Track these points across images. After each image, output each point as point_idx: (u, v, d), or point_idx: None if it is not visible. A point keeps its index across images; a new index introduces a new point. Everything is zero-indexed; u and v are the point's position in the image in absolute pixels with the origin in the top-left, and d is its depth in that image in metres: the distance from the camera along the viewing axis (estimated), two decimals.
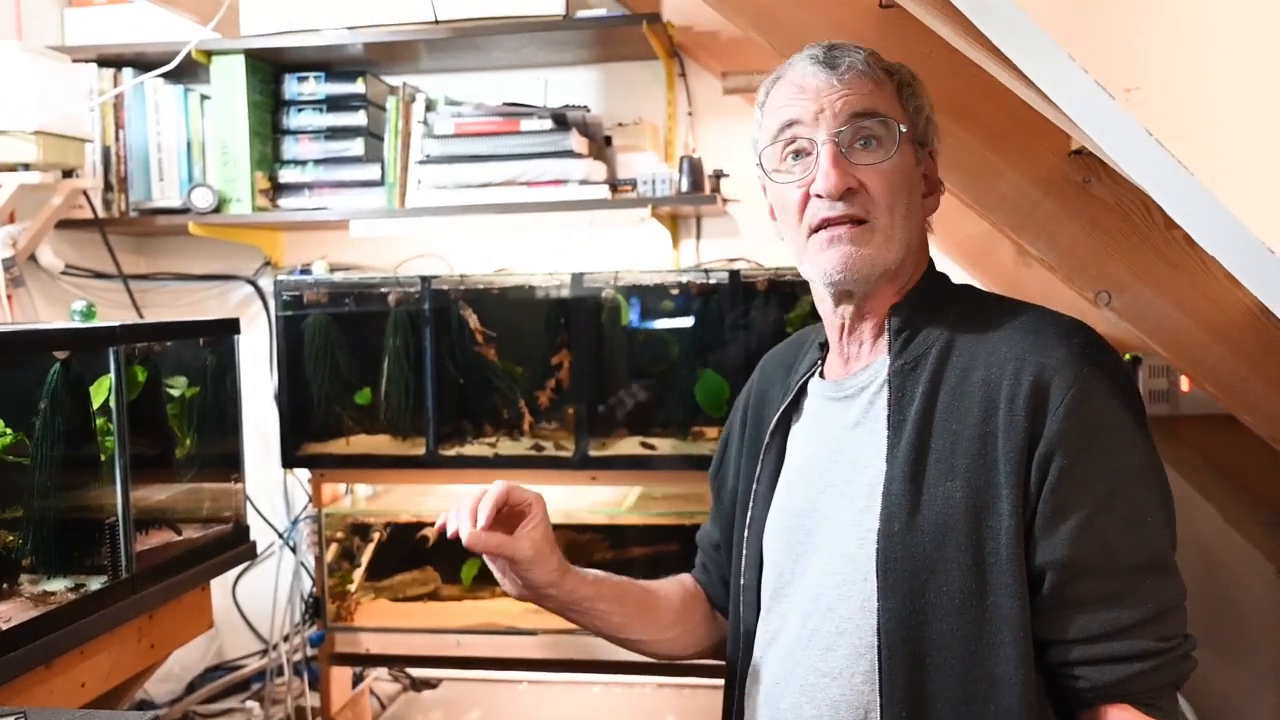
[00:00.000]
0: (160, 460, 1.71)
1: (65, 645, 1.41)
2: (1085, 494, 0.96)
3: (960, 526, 0.98)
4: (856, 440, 1.08)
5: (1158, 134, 0.73)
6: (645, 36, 2.35)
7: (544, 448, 2.17)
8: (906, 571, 0.99)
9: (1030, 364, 0.99)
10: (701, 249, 2.64)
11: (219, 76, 2.46)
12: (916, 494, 1.00)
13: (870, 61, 1.08)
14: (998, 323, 1.05)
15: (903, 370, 1.06)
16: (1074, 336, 1.02)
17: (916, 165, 1.10)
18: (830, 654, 1.05)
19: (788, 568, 1.12)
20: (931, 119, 1.12)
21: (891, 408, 1.04)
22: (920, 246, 1.13)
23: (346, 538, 2.34)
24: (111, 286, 2.65)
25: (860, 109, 1.05)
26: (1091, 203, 1.58)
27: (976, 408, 1.00)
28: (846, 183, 1.04)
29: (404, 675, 2.63)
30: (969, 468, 0.99)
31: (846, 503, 1.06)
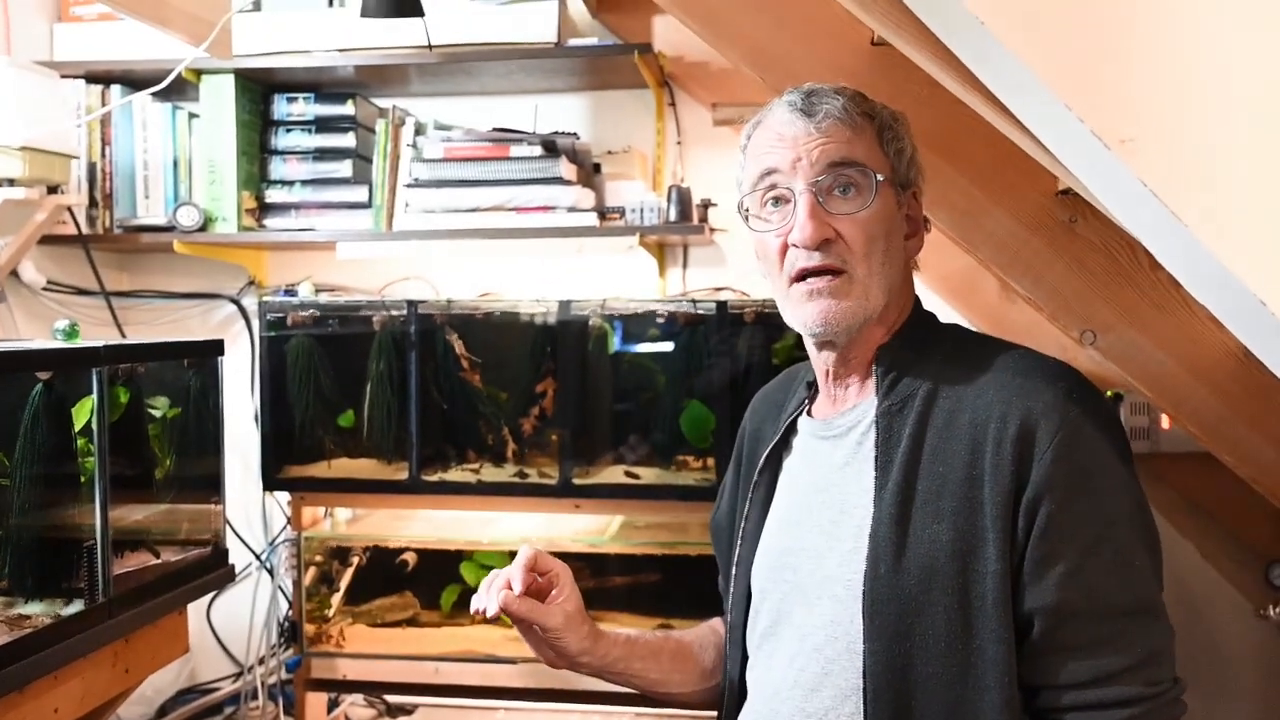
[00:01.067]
0: (140, 482, 1.69)
1: (40, 670, 1.39)
2: (1073, 540, 0.96)
3: (946, 569, 0.98)
4: (844, 480, 1.08)
5: (1152, 185, 0.74)
6: (636, 66, 2.36)
7: (528, 475, 2.17)
8: (892, 614, 0.99)
9: (1017, 407, 0.99)
10: (688, 278, 2.65)
11: (208, 95, 2.46)
12: (903, 536, 1.00)
13: (848, 108, 1.07)
14: (985, 364, 1.05)
15: (890, 411, 1.06)
16: (1061, 380, 1.01)
17: (898, 208, 1.10)
18: (816, 694, 1.04)
19: (775, 607, 1.12)
20: (915, 159, 1.12)
21: (879, 448, 1.04)
22: (905, 287, 1.13)
23: (325, 561, 2.32)
24: (93, 303, 2.63)
25: (837, 158, 1.05)
26: (1077, 242, 1.60)
27: (963, 450, 1.00)
28: (823, 233, 1.04)
29: (379, 701, 2.60)
30: (955, 510, 0.99)
31: (834, 543, 1.06)
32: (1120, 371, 1.59)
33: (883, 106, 1.11)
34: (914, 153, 1.12)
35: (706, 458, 2.13)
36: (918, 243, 1.13)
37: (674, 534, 2.23)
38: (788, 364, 2.07)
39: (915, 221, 1.13)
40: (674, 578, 2.22)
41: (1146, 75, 0.74)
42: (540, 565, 1.13)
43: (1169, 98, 0.74)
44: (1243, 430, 1.61)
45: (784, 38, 1.66)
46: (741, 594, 1.17)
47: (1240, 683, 2.27)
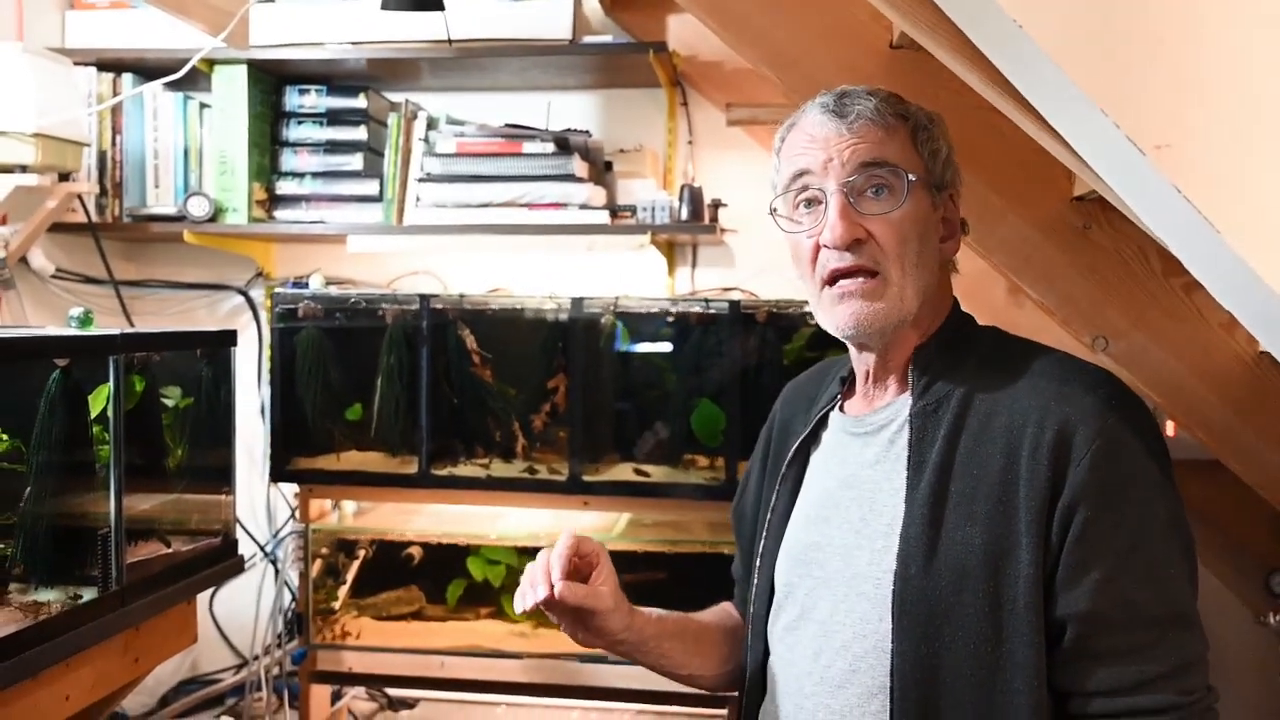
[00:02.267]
0: (153, 471, 1.69)
1: (54, 657, 1.39)
2: (1108, 547, 0.96)
3: (978, 573, 0.98)
4: (875, 478, 1.08)
5: (1185, 190, 0.75)
6: (650, 64, 2.37)
7: (537, 471, 2.17)
8: (922, 615, 0.99)
9: (1055, 413, 0.99)
10: (697, 277, 2.65)
11: (221, 86, 2.46)
12: (935, 537, 1.00)
13: (881, 109, 1.07)
14: (1023, 368, 1.05)
15: (925, 411, 1.06)
16: (1100, 387, 1.01)
17: (933, 210, 1.09)
18: (842, 691, 1.05)
19: (800, 601, 1.12)
20: (951, 161, 1.11)
21: (912, 448, 1.05)
22: (942, 289, 1.13)
23: (332, 554, 2.32)
24: (101, 292, 2.63)
25: (869, 158, 1.05)
26: (1091, 248, 1.61)
27: (999, 454, 1.00)
28: (854, 233, 1.04)
29: (381, 694, 2.61)
30: (989, 514, 0.99)
31: (864, 541, 1.06)
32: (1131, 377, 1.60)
33: (918, 108, 1.10)
34: (950, 154, 1.10)
35: (716, 457, 2.13)
36: (954, 245, 1.12)
37: (681, 532, 2.24)
38: (798, 364, 2.09)
39: (951, 224, 1.12)
40: (681, 576, 2.22)
41: (1182, 82, 0.75)
42: (581, 549, 1.11)
43: (1204, 104, 0.74)
44: (1251, 438, 1.62)
45: (803, 39, 1.66)
46: (765, 586, 1.17)
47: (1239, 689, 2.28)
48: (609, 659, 2.15)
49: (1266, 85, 0.74)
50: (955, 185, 1.12)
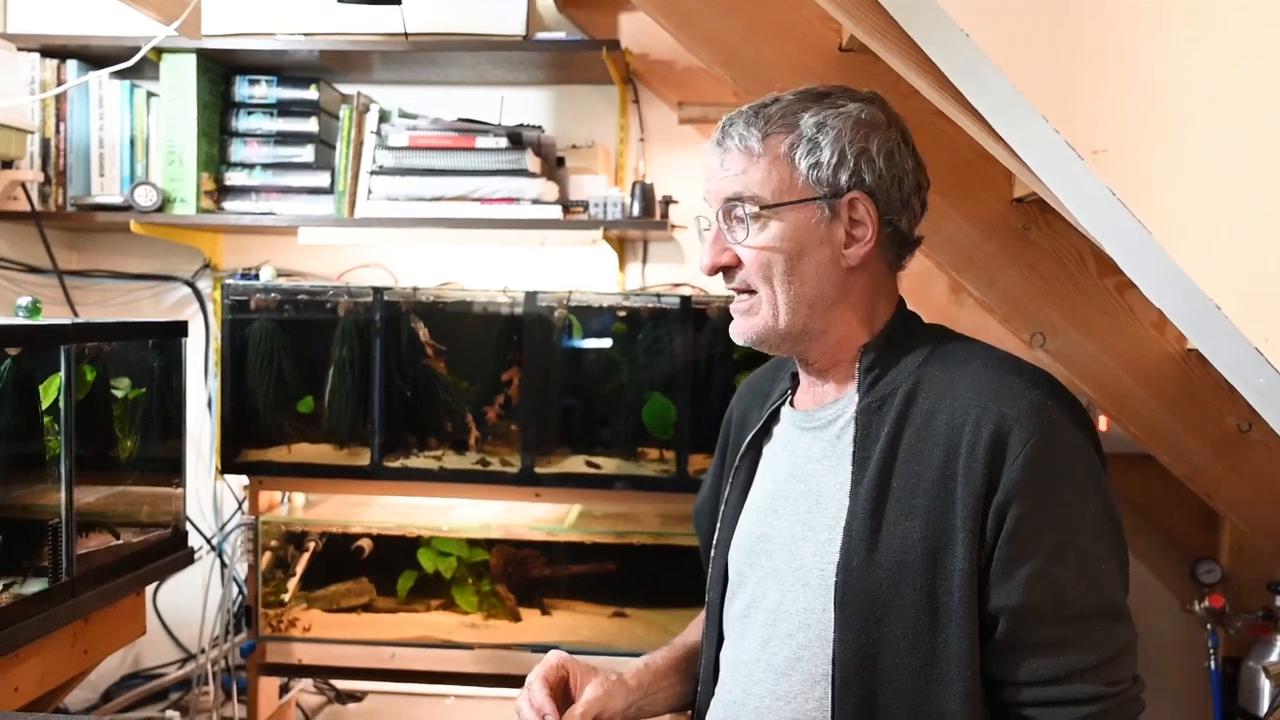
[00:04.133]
0: (103, 462, 1.67)
1: (2, 648, 1.38)
2: (1040, 543, 1.00)
3: (916, 566, 1.02)
4: (822, 472, 1.12)
5: (1120, 194, 0.80)
6: (603, 61, 2.39)
7: (489, 463, 2.18)
8: (863, 606, 1.03)
9: (992, 412, 1.02)
10: (647, 273, 2.69)
11: (169, 75, 2.43)
12: (876, 531, 1.04)
13: (749, 134, 1.08)
14: (964, 367, 1.08)
15: (870, 408, 1.09)
16: (1038, 387, 1.04)
17: (817, 223, 1.08)
18: (786, 678, 1.09)
19: (750, 590, 1.16)
20: (853, 162, 1.07)
21: (857, 444, 1.07)
22: (876, 291, 1.14)
23: (281, 546, 2.31)
24: (45, 281, 2.58)
25: (729, 193, 1.10)
26: (1030, 248, 1.68)
27: (939, 451, 1.03)
28: (716, 261, 1.12)
29: (329, 688, 2.60)
30: (927, 509, 1.02)
31: (809, 533, 1.10)
32: (1066, 373, 1.67)
33: (817, 112, 1.08)
34: (858, 155, 1.07)
35: (666, 449, 2.17)
36: (865, 248, 1.09)
37: (632, 523, 2.27)
38: (747, 359, 2.14)
39: (861, 224, 1.09)
40: (629, 566, 2.26)
41: (1120, 91, 0.80)
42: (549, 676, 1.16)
43: (1139, 113, 0.79)
44: (1179, 431, 1.70)
45: (755, 41, 1.70)
46: (719, 576, 1.21)
47: (1167, 674, 2.37)
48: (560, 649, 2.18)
49: (1198, 96, 0.79)
50: (868, 183, 1.08)
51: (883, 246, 1.12)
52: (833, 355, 1.14)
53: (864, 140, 1.08)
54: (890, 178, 1.10)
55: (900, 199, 1.11)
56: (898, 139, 1.11)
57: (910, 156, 1.13)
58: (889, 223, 1.11)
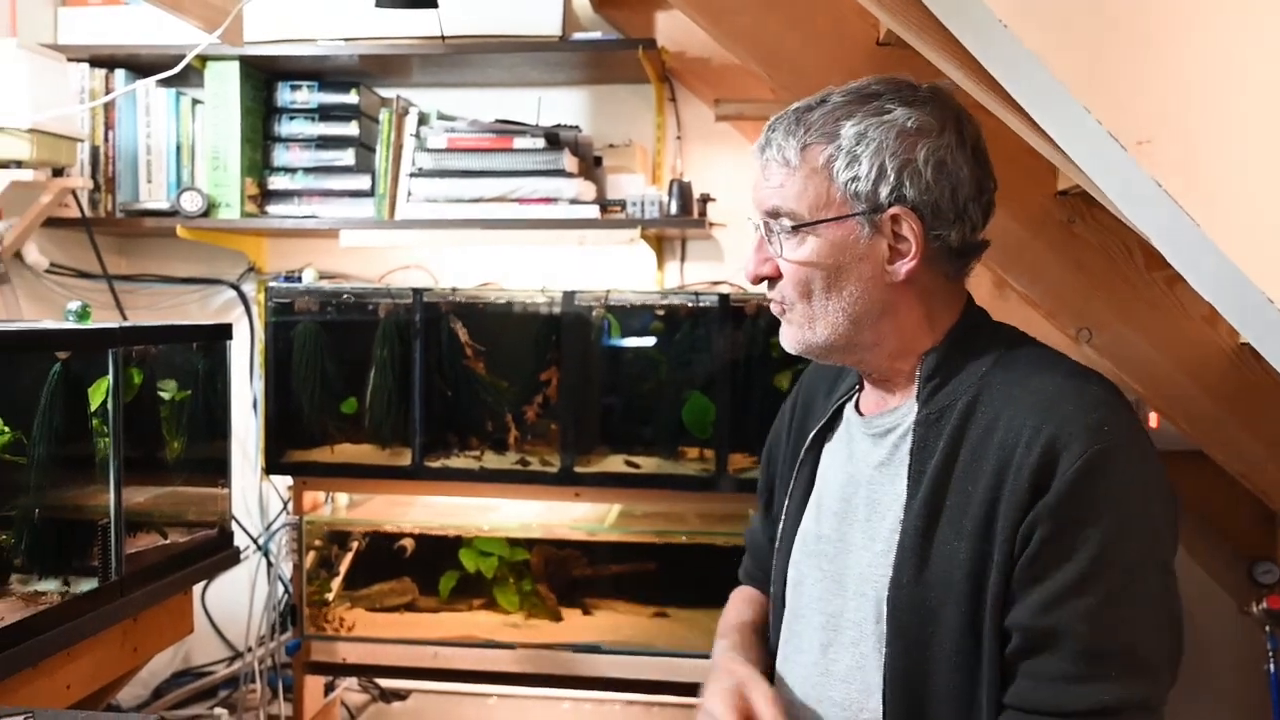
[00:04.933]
0: (150, 463, 1.70)
1: (54, 646, 1.41)
2: (1061, 568, 0.94)
3: (961, 588, 0.98)
4: (881, 481, 1.09)
5: (1167, 186, 0.77)
6: (639, 60, 2.39)
7: (529, 463, 2.19)
8: (911, 624, 1.00)
9: (1046, 433, 0.96)
10: (686, 271, 2.68)
11: (213, 82, 2.47)
12: (927, 549, 1.00)
13: (786, 145, 1.05)
14: (1027, 381, 1.02)
15: (928, 420, 1.05)
16: (1098, 409, 0.97)
17: (859, 237, 1.04)
18: (845, 685, 1.07)
19: (808, 590, 1.14)
20: (894, 176, 1.02)
21: (913, 457, 1.04)
22: (933, 299, 1.08)
23: (325, 546, 2.34)
24: (95, 286, 2.63)
25: (768, 205, 1.07)
26: (1076, 242, 1.65)
27: (990, 471, 0.98)
28: (758, 271, 1.10)
29: (373, 686, 2.63)
30: (974, 530, 0.98)
31: (868, 542, 1.08)
32: (1114, 369, 1.63)
33: (860, 120, 1.03)
34: (900, 167, 1.02)
35: (706, 449, 2.16)
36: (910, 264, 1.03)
37: (672, 523, 2.26)
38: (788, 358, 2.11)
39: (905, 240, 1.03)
40: (670, 566, 2.25)
41: (1165, 79, 0.77)
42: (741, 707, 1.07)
43: (1185, 101, 0.77)
44: (1233, 428, 1.66)
45: (792, 37, 1.69)
46: (781, 570, 1.19)
47: (1223, 678, 2.32)
48: (601, 649, 2.19)
49: (1247, 82, 0.76)
50: (911, 197, 1.02)
51: (932, 260, 1.05)
52: (890, 364, 1.10)
53: (908, 151, 1.02)
54: (940, 189, 1.03)
55: (954, 210, 1.04)
56: (951, 144, 1.04)
57: (968, 162, 1.05)
58: (936, 236, 1.04)
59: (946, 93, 1.08)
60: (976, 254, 1.10)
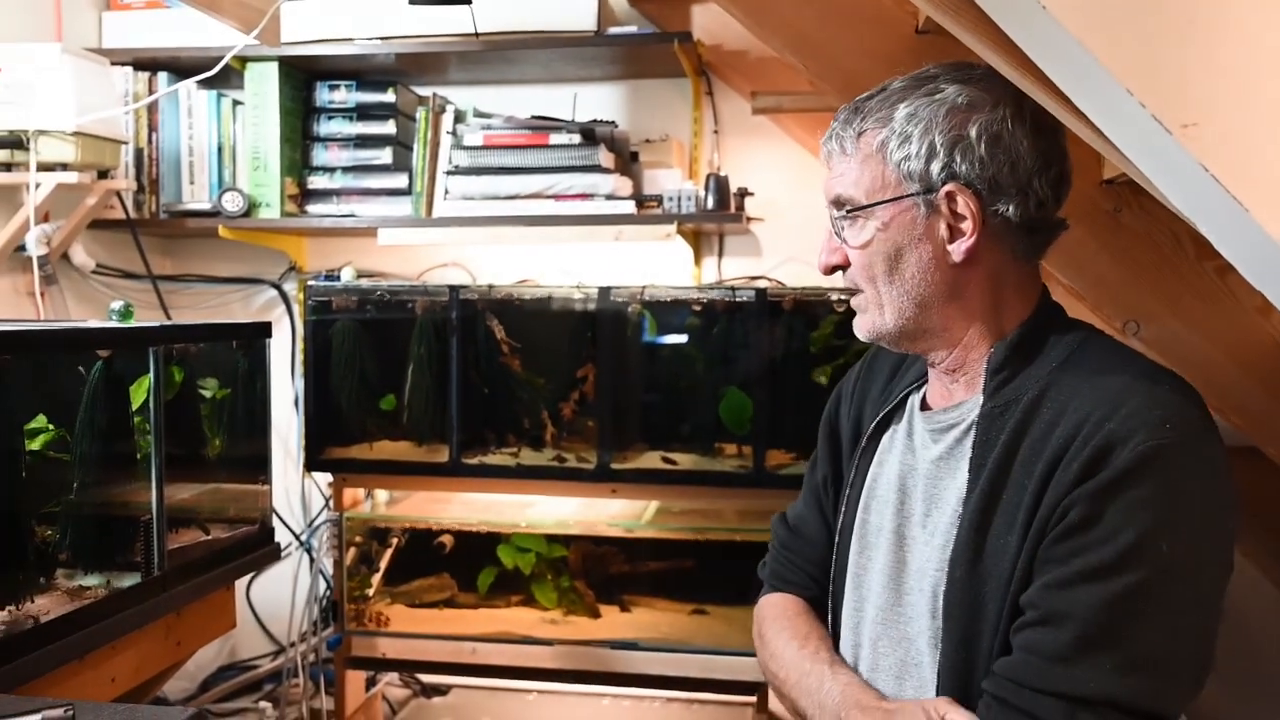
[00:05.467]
0: (192, 460, 1.72)
1: (98, 640, 1.43)
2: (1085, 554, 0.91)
3: (1008, 583, 0.96)
4: (940, 475, 1.07)
5: (1213, 170, 0.75)
6: (675, 54, 2.38)
7: (566, 459, 2.19)
8: (963, 620, 0.98)
9: (1104, 429, 0.93)
10: (723, 266, 2.66)
11: (253, 83, 2.50)
12: (981, 544, 0.98)
13: (845, 131, 1.07)
14: (1095, 378, 0.99)
15: (992, 413, 1.03)
16: (1163, 408, 0.93)
17: (916, 218, 1.03)
18: (899, 682, 1.06)
19: (866, 583, 1.12)
20: (943, 152, 1.02)
21: (975, 450, 1.02)
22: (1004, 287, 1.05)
23: (365, 542, 2.35)
24: (140, 287, 2.67)
25: (831, 195, 1.09)
26: (1122, 232, 1.60)
27: (1046, 465, 0.96)
28: (829, 261, 1.10)
29: (414, 681, 2.64)
30: (1024, 523, 0.96)
31: (927, 536, 1.06)
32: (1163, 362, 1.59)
33: (911, 101, 1.03)
34: (953, 148, 1.01)
35: (744, 445, 2.14)
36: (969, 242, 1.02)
37: (710, 520, 2.25)
38: (825, 353, 2.10)
39: (964, 217, 1.02)
40: (708, 563, 2.24)
41: (1210, 60, 0.75)
42: None
43: (1233, 82, 0.74)
44: None
45: (828, 26, 1.66)
46: (841, 564, 1.17)
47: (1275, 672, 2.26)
48: (639, 645, 2.18)
49: None
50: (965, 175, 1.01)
51: (996, 237, 1.03)
52: (959, 354, 1.08)
53: (960, 127, 1.01)
54: (996, 163, 1.01)
55: (1015, 184, 1.02)
56: (1006, 117, 1.02)
57: (1028, 135, 1.02)
58: (996, 213, 1.02)
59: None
60: (1050, 232, 1.08)
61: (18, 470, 1.34)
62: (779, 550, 1.30)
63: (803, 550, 1.26)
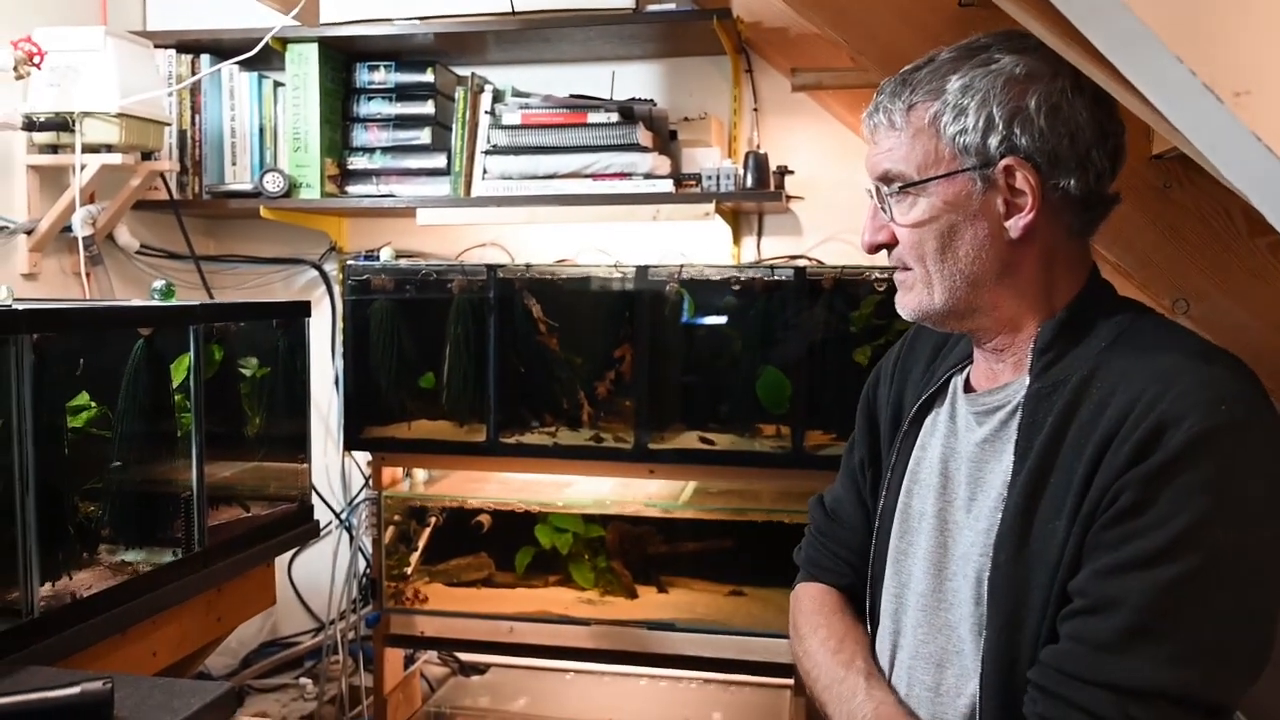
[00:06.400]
0: (231, 438, 1.75)
1: (140, 614, 1.45)
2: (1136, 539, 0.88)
3: (1055, 569, 0.93)
4: (985, 458, 1.04)
5: (1267, 139, 0.72)
6: (714, 31, 2.35)
7: (603, 439, 2.18)
8: (1008, 606, 0.96)
9: (1157, 410, 0.89)
10: (763, 246, 2.63)
11: (293, 64, 2.51)
12: (1027, 528, 0.95)
13: (891, 106, 1.03)
14: (1147, 357, 0.95)
15: (1039, 394, 0.99)
16: (1217, 387, 0.90)
17: (973, 193, 1.00)
18: (941, 670, 1.03)
19: (906, 568, 1.10)
20: (1004, 125, 0.98)
21: (1021, 433, 0.99)
22: (1055, 265, 1.02)
23: (404, 521, 2.37)
24: (183, 267, 2.71)
25: (878, 172, 1.04)
26: (1171, 208, 1.56)
27: (1096, 448, 0.92)
28: (874, 240, 1.06)
29: (453, 660, 2.67)
30: (1073, 508, 0.92)
31: (971, 520, 1.03)
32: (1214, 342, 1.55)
33: (965, 72, 1.00)
34: (1011, 119, 0.97)
35: (782, 425, 2.12)
36: (1028, 218, 0.98)
37: (748, 500, 2.24)
38: (865, 332, 2.07)
39: (1022, 193, 0.99)
40: (746, 544, 2.23)
41: (1264, 25, 0.72)
42: None
43: None
44: None
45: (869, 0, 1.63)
46: (882, 547, 1.15)
47: None
48: (676, 626, 2.18)
49: None
50: (1024, 148, 0.98)
51: (1054, 213, 1.00)
52: (1008, 333, 1.05)
53: (1018, 98, 0.98)
54: (1056, 136, 0.97)
55: (1074, 157, 0.98)
56: (1065, 88, 0.98)
57: (1087, 106, 0.98)
58: (1055, 187, 0.98)
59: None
60: (1104, 207, 1.04)
61: (60, 447, 1.37)
62: (815, 536, 1.28)
63: (840, 536, 1.24)
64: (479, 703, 2.53)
